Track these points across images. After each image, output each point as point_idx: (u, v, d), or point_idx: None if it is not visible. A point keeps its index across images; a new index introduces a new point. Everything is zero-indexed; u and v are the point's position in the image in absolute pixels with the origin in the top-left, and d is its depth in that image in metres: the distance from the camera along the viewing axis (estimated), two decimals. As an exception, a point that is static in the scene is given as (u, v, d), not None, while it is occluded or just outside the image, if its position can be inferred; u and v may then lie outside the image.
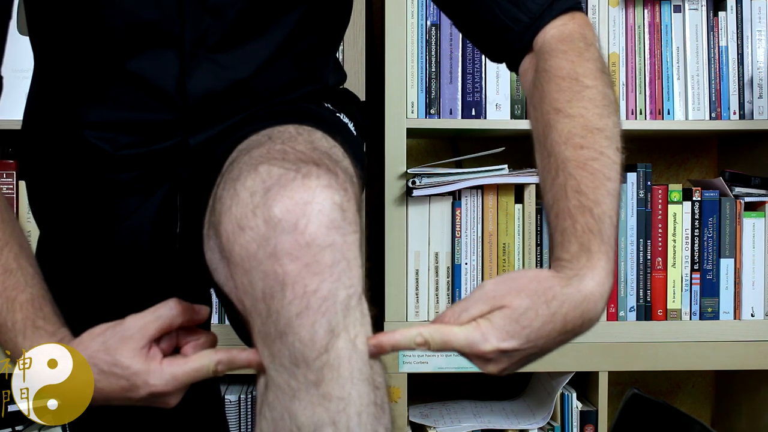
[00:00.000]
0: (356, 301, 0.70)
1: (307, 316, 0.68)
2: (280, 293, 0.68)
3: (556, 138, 0.82)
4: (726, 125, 1.74)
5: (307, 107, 0.96)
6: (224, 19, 0.90)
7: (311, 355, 0.68)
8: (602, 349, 1.68)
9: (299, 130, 0.83)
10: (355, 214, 0.71)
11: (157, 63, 0.91)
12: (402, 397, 1.65)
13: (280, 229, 0.67)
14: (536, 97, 0.87)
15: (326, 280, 0.68)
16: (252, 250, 0.68)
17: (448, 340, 0.74)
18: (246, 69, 0.93)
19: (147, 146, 0.94)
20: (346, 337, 0.69)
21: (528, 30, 0.90)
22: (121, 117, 0.93)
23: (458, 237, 1.69)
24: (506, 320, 0.74)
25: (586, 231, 0.77)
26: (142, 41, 0.90)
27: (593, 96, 0.84)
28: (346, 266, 0.69)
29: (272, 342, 0.70)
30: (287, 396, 0.70)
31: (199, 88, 0.91)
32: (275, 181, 0.69)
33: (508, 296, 0.74)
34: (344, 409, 0.69)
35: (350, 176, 0.78)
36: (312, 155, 0.74)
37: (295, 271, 0.67)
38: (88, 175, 0.96)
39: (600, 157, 0.81)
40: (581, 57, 0.87)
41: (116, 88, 0.92)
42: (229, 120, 0.94)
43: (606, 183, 0.80)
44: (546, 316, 0.74)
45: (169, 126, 0.93)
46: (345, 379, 0.69)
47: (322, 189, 0.69)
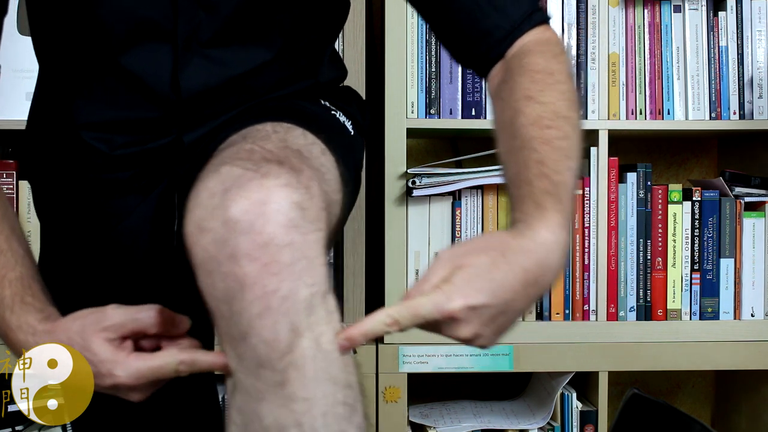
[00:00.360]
0: (320, 300, 0.69)
1: (268, 317, 0.67)
2: (240, 294, 0.68)
3: (524, 121, 0.83)
4: (726, 125, 1.74)
5: (299, 104, 0.96)
6: (218, 15, 0.90)
7: (274, 356, 0.68)
8: (602, 349, 1.68)
9: (276, 128, 0.83)
10: (318, 213, 0.71)
11: (150, 58, 0.91)
12: (402, 397, 1.66)
13: (238, 230, 0.67)
14: (506, 90, 0.87)
15: (286, 280, 0.67)
16: (212, 252, 0.68)
17: (416, 312, 0.73)
18: (240, 66, 0.93)
19: (142, 145, 0.94)
20: (310, 337, 0.68)
21: (507, 37, 0.91)
22: (115, 115, 0.93)
23: (458, 237, 1.69)
24: (468, 277, 0.73)
25: (543, 193, 0.78)
26: (135, 36, 0.90)
27: (564, 90, 0.85)
28: (307, 265, 0.68)
29: (236, 344, 0.70)
30: (253, 398, 0.69)
31: (192, 83, 0.91)
32: (234, 181, 0.69)
33: (466, 257, 0.74)
34: (309, 409, 0.68)
35: (321, 174, 0.78)
36: (279, 153, 0.74)
37: (254, 271, 0.67)
38: (86, 175, 0.96)
39: (565, 138, 0.82)
40: (556, 58, 0.88)
41: (110, 85, 0.93)
42: (222, 117, 0.94)
43: (567, 161, 0.81)
44: (505, 269, 0.74)
45: (162, 123, 0.93)
46: (309, 379, 0.68)
47: (280, 188, 0.68)
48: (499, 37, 0.91)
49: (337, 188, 0.83)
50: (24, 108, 1.71)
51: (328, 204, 0.77)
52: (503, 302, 0.74)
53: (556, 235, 0.77)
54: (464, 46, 0.94)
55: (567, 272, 1.71)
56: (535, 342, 1.68)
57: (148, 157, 0.94)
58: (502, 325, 0.76)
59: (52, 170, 1.01)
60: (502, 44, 0.91)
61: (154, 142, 0.94)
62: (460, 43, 0.95)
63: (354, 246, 1.67)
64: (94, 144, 0.94)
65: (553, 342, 1.68)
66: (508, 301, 0.74)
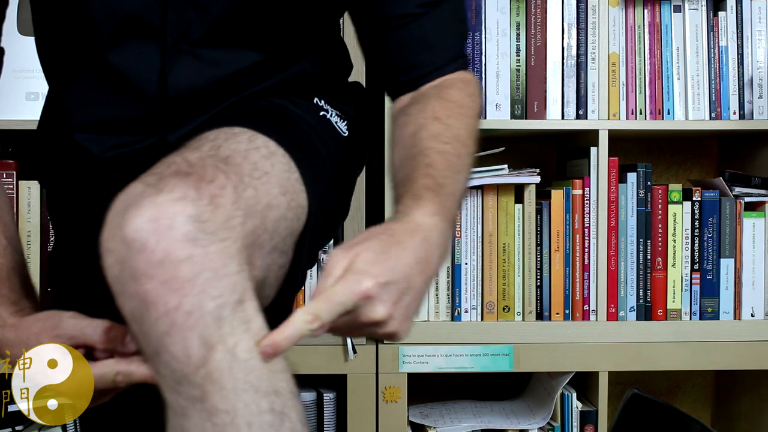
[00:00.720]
0: (230, 310, 0.68)
1: (175, 333, 0.67)
2: (146, 313, 0.68)
3: (425, 134, 0.89)
4: (726, 125, 1.74)
5: (276, 104, 0.95)
6: (208, 14, 0.90)
7: (189, 371, 0.67)
8: (602, 349, 1.68)
9: (221, 134, 0.82)
10: (226, 221, 0.70)
11: (138, 55, 0.91)
12: (402, 397, 1.66)
13: (134, 249, 0.67)
14: (415, 109, 0.93)
15: (188, 295, 0.67)
16: (116, 273, 0.69)
17: (332, 300, 0.72)
18: (230, 66, 0.93)
19: (130, 146, 0.94)
20: (224, 348, 0.68)
21: (429, 75, 0.97)
22: (104, 115, 0.94)
23: (458, 237, 1.69)
24: (368, 260, 0.74)
25: (422, 187, 0.83)
26: (122, 32, 0.90)
27: (469, 123, 0.92)
28: (212, 276, 0.68)
29: (153, 361, 0.70)
30: (179, 415, 0.69)
31: (180, 83, 0.92)
32: (132, 200, 0.69)
33: (358, 246, 0.75)
34: (232, 421, 0.67)
35: (250, 179, 0.77)
36: (197, 163, 0.74)
37: (153, 290, 0.67)
38: (81, 175, 0.97)
39: (458, 157, 0.88)
40: (470, 96, 0.95)
41: (99, 83, 0.93)
42: (205, 115, 0.94)
43: (456, 173, 0.86)
44: (397, 248, 0.76)
45: (149, 122, 0.93)
46: (228, 390, 0.67)
47: (173, 203, 0.68)
48: (422, 73, 0.97)
49: (284, 191, 0.82)
50: (24, 108, 1.71)
51: (255, 208, 0.76)
52: (404, 278, 0.75)
53: (431, 218, 0.80)
54: (388, 71, 1.00)
55: (567, 272, 1.71)
56: (535, 342, 1.68)
57: (136, 158, 0.94)
58: (409, 306, 0.77)
59: (54, 170, 1.02)
60: (422, 80, 0.97)
61: (141, 142, 0.94)
62: (385, 68, 1.00)
63: (354, 246, 1.66)
64: (87, 146, 0.95)
65: (553, 342, 1.68)
66: (407, 277, 0.76)
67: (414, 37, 0.96)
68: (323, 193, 0.92)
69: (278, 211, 0.81)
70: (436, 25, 0.96)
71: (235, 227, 0.71)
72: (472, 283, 1.70)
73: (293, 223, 0.84)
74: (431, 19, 0.96)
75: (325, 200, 0.93)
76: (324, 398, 1.70)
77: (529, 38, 1.72)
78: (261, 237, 0.77)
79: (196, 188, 0.70)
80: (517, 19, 1.72)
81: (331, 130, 0.98)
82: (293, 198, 0.84)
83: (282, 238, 0.83)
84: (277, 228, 0.81)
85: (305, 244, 0.88)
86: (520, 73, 1.72)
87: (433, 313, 1.70)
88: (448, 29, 0.98)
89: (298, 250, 0.88)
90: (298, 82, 0.99)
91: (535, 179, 1.68)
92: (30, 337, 0.81)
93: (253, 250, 0.76)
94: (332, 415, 1.70)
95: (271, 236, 0.79)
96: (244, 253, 0.72)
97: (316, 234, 0.91)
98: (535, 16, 1.72)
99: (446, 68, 0.97)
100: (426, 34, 0.96)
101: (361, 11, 1.00)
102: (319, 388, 1.73)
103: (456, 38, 0.99)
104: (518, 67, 1.72)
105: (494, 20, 1.72)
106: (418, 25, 0.96)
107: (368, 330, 0.76)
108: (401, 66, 0.98)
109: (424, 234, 0.78)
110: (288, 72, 0.98)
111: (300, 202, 0.85)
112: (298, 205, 0.85)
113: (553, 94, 1.72)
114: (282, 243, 0.83)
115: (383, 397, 1.65)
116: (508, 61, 1.72)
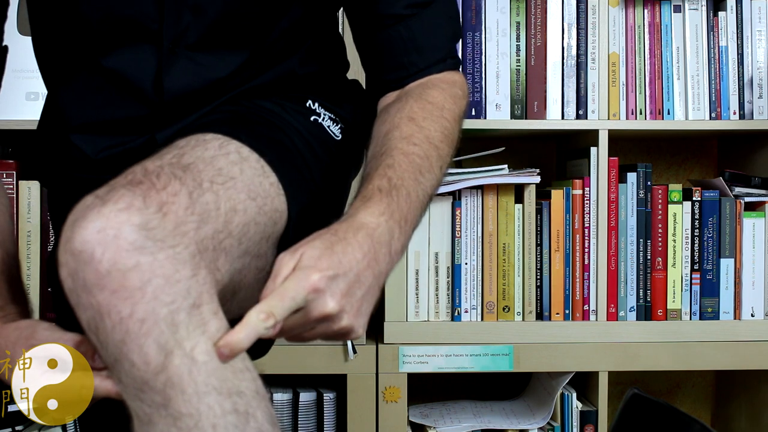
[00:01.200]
0: (185, 315, 0.69)
1: (131, 341, 0.67)
2: (101, 324, 0.68)
3: (397, 135, 0.89)
4: (726, 125, 1.74)
5: (260, 108, 0.95)
6: (205, 18, 0.91)
7: (149, 377, 0.68)
8: (602, 349, 1.68)
9: (191, 140, 0.83)
10: (174, 228, 0.70)
11: (134, 59, 0.91)
12: (402, 397, 1.66)
13: (82, 261, 0.67)
14: (395, 108, 0.93)
15: (139, 303, 0.67)
16: (70, 286, 0.69)
17: (283, 296, 0.72)
18: (224, 69, 0.93)
19: (122, 146, 0.94)
20: (181, 353, 0.68)
21: (416, 74, 0.98)
22: (99, 115, 0.94)
23: (458, 237, 1.69)
24: (314, 256, 0.74)
25: (375, 189, 0.83)
26: (118, 37, 0.91)
27: (446, 126, 0.92)
28: (162, 283, 0.68)
29: (113, 370, 0.70)
30: (144, 423, 0.69)
31: (176, 86, 0.92)
32: (81, 212, 0.69)
33: (303, 246, 0.76)
34: (196, 424, 0.68)
35: (210, 185, 0.77)
36: (153, 171, 0.74)
37: (105, 300, 0.67)
38: (78, 176, 0.97)
39: (425, 158, 0.88)
40: (453, 98, 0.96)
41: (95, 84, 0.93)
42: (195, 114, 0.94)
43: (417, 175, 0.86)
44: (342, 243, 0.76)
45: (143, 123, 0.94)
46: (190, 394, 0.68)
47: (117, 213, 0.68)
48: (410, 73, 0.98)
49: (253, 196, 0.82)
50: (24, 108, 1.71)
51: (213, 213, 0.76)
52: (351, 271, 0.76)
53: (377, 218, 0.80)
54: (376, 69, 1.01)
55: (567, 272, 1.71)
56: (535, 342, 1.68)
57: (127, 158, 0.94)
58: (361, 300, 0.77)
59: (52, 170, 1.02)
60: (409, 79, 0.98)
61: (133, 142, 0.94)
62: (374, 66, 1.01)
63: (354, 246, 1.66)
64: (81, 146, 0.95)
65: (553, 342, 1.68)
66: (355, 270, 0.76)
67: (403, 38, 0.97)
68: (307, 198, 0.92)
69: (246, 215, 0.81)
70: (425, 26, 0.97)
71: (188, 233, 0.71)
72: (472, 283, 1.70)
73: (267, 228, 0.84)
74: (421, 19, 0.97)
75: (311, 204, 0.93)
76: (324, 398, 1.70)
77: (529, 38, 1.72)
78: (224, 241, 0.77)
79: (144, 197, 0.70)
80: (517, 19, 1.72)
81: (323, 134, 0.98)
82: (266, 202, 0.84)
83: (254, 243, 0.82)
84: (246, 232, 0.81)
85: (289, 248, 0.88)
86: (520, 73, 1.72)
87: (433, 313, 1.70)
88: (439, 30, 0.98)
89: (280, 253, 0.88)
90: (290, 82, 0.99)
91: (535, 179, 1.68)
92: (7, 344, 0.82)
93: (216, 253, 0.76)
94: (332, 415, 1.70)
95: (239, 241, 0.79)
96: (199, 258, 0.72)
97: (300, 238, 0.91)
98: (535, 16, 1.72)
99: (433, 68, 0.98)
100: (415, 35, 0.97)
101: (354, 9, 1.00)
102: (319, 388, 1.73)
103: (446, 39, 0.99)
104: (518, 67, 1.72)
105: (494, 20, 1.72)
106: (407, 25, 0.97)
107: (322, 328, 0.76)
108: (389, 65, 0.98)
109: (368, 231, 0.79)
110: (277, 70, 0.98)
111: (276, 207, 0.85)
112: (274, 210, 0.85)
113: (553, 94, 1.72)
114: (255, 247, 0.83)
115: (383, 397, 1.65)
116: (508, 61, 1.72)
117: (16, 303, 0.88)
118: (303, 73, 1.00)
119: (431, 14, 0.97)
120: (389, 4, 0.96)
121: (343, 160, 1.01)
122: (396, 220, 0.82)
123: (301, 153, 0.93)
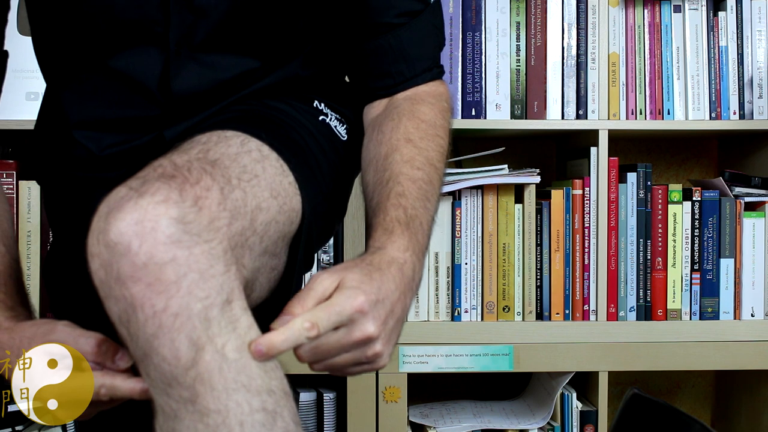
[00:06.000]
0: (218, 311, 0.69)
1: (163, 335, 0.67)
2: (133, 317, 0.68)
3: (398, 158, 0.91)
4: (726, 125, 1.74)
5: (272, 108, 0.96)
6: (210, 20, 0.91)
7: (179, 372, 0.68)
8: (602, 349, 1.68)
9: (212, 136, 0.83)
10: (209, 223, 0.70)
11: (139, 61, 0.91)
12: (402, 397, 1.66)
13: (118, 252, 0.67)
14: (388, 126, 0.95)
15: (174, 297, 0.67)
16: (102, 277, 0.69)
17: (331, 311, 0.73)
18: (231, 70, 0.93)
19: (128, 143, 0.94)
20: (212, 349, 0.68)
21: (404, 83, 0.99)
22: (105, 114, 0.94)
23: (458, 237, 1.69)
24: (357, 280, 0.76)
25: (394, 221, 0.85)
26: (124, 37, 0.91)
27: (441, 143, 0.95)
28: (197, 278, 0.68)
29: (142, 364, 0.70)
30: (170, 418, 0.69)
31: (183, 87, 0.92)
32: (115, 203, 0.69)
33: (342, 272, 0.77)
34: (224, 421, 0.67)
35: (238, 182, 0.77)
36: (183, 166, 0.74)
37: (139, 293, 0.67)
38: (78, 174, 0.97)
39: (429, 183, 0.90)
40: (442, 113, 0.98)
41: (100, 83, 0.93)
42: (203, 113, 0.94)
43: (426, 202, 0.89)
44: (378, 274, 0.78)
45: (150, 122, 0.94)
46: (219, 391, 0.68)
47: (155, 206, 0.68)
48: (397, 81, 0.99)
49: (275, 194, 0.82)
50: (24, 108, 1.72)
51: (242, 210, 0.76)
52: (388, 300, 0.78)
53: (404, 254, 0.83)
54: (363, 76, 1.02)
55: (567, 272, 1.71)
56: (535, 342, 1.68)
57: (133, 155, 0.94)
58: (393, 329, 0.79)
59: (50, 169, 1.02)
60: (396, 88, 0.99)
61: (139, 139, 0.94)
62: (361, 73, 1.02)
63: (354, 246, 1.67)
64: (85, 143, 0.95)
65: (553, 342, 1.68)
66: (392, 301, 0.78)
67: (392, 47, 0.98)
68: (319, 198, 0.92)
69: (268, 213, 0.81)
70: (414, 36, 0.98)
71: (221, 228, 0.71)
72: (472, 283, 1.70)
73: (285, 227, 0.84)
74: (410, 29, 0.98)
75: (321, 205, 0.93)
76: (324, 398, 1.70)
77: (529, 38, 1.72)
78: (250, 239, 0.77)
79: (180, 190, 0.70)
80: (517, 19, 1.72)
81: (331, 134, 0.98)
82: (285, 202, 0.84)
83: (273, 241, 0.83)
84: (267, 231, 0.81)
85: (300, 248, 0.88)
86: (520, 73, 1.72)
87: (433, 313, 1.70)
88: (426, 40, 1.00)
89: (292, 253, 0.88)
90: (295, 84, 0.99)
91: (535, 179, 1.68)
92: (23, 340, 0.82)
93: (243, 251, 0.76)
94: (332, 415, 1.71)
95: (261, 239, 0.79)
96: (231, 254, 0.72)
97: (311, 238, 0.91)
98: (535, 16, 1.72)
99: (419, 78, 0.99)
100: (404, 44, 0.98)
101: (345, 17, 1.00)
102: (319, 388, 1.73)
103: (432, 48, 1.01)
104: (518, 67, 1.72)
105: (494, 20, 1.72)
106: (396, 35, 0.98)
107: (356, 354, 0.77)
108: (376, 73, 1.00)
109: (398, 265, 0.81)
110: (281, 72, 0.98)
111: (293, 206, 0.85)
112: (291, 209, 0.85)
113: (553, 94, 1.72)
114: (273, 246, 0.83)
115: (383, 397, 1.65)
116: (508, 61, 1.72)
117: (23, 306, 0.89)
118: (306, 75, 1.00)
119: (420, 24, 0.99)
120: (381, 13, 0.97)
121: (349, 161, 1.02)
122: (417, 254, 0.84)
123: (314, 153, 0.94)
